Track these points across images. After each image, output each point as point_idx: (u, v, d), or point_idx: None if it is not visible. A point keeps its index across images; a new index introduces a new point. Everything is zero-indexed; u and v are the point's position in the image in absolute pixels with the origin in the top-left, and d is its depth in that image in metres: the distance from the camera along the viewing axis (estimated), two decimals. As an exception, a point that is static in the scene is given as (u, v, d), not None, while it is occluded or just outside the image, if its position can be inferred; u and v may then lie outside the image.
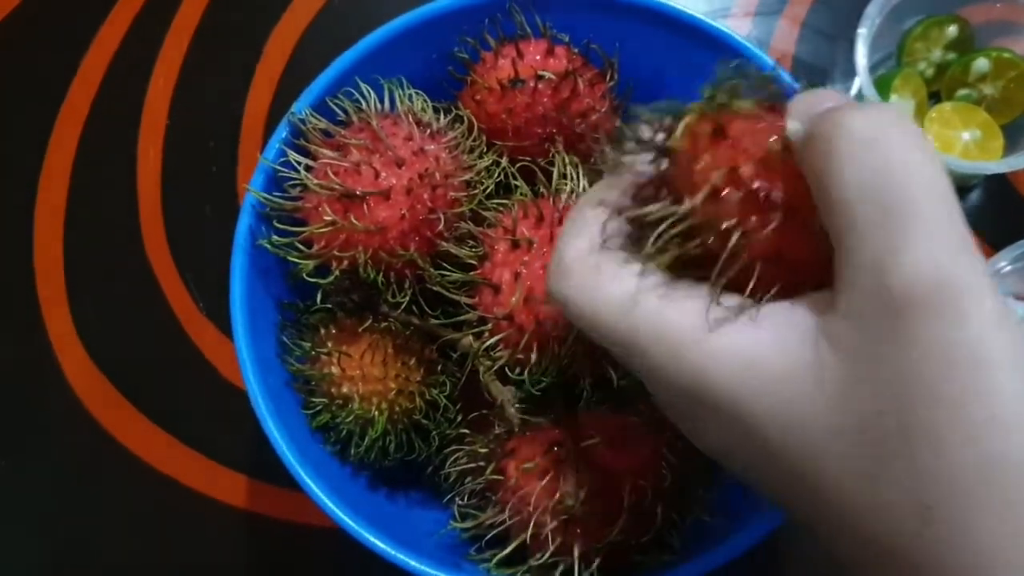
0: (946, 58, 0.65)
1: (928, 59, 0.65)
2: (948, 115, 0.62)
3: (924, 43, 0.64)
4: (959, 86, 0.64)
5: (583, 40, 0.49)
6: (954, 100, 0.64)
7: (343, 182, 0.43)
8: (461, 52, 0.49)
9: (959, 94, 0.64)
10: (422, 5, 0.49)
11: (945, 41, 0.64)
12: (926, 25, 0.64)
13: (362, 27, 0.49)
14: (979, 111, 0.63)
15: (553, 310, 0.42)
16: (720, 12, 0.68)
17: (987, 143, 0.62)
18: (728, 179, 0.28)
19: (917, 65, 0.65)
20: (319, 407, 0.47)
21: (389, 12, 0.49)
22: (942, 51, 0.64)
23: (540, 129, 0.48)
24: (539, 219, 0.44)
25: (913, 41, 0.64)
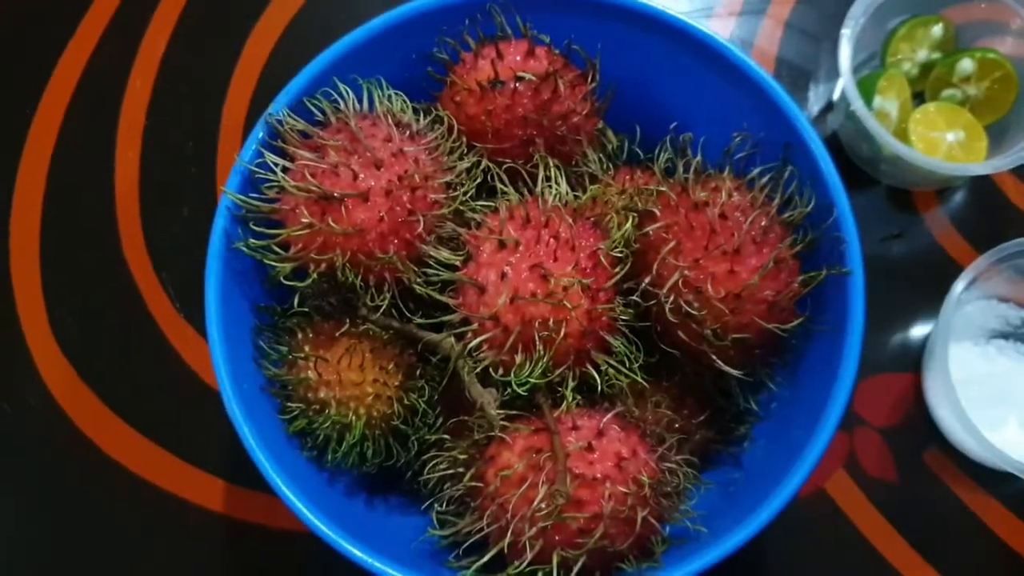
0: (931, 58, 0.64)
1: (912, 59, 0.64)
2: (932, 116, 0.62)
3: (909, 43, 0.64)
4: (944, 86, 0.64)
5: (565, 41, 0.48)
6: (938, 101, 0.64)
7: (320, 184, 0.43)
8: (440, 53, 0.48)
9: (944, 95, 0.64)
10: (402, 4, 0.49)
11: (930, 41, 0.64)
12: (911, 25, 0.64)
13: (343, 26, 0.48)
14: (963, 112, 0.63)
15: (540, 310, 0.42)
16: (704, 12, 0.68)
17: (971, 144, 0.62)
18: None
19: (901, 65, 0.64)
20: (296, 412, 0.46)
21: (370, 11, 0.49)
22: (927, 51, 0.64)
23: (520, 131, 0.47)
24: (526, 220, 0.43)
25: (898, 41, 0.64)
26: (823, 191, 0.45)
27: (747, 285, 0.42)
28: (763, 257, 0.43)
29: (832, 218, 0.44)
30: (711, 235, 0.43)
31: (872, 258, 0.60)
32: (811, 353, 0.46)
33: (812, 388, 0.44)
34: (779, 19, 0.68)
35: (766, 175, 0.45)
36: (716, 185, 0.45)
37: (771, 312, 0.43)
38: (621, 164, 0.52)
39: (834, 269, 0.44)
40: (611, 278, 0.43)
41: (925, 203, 0.63)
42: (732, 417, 0.49)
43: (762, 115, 0.47)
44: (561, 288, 0.42)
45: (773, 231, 0.44)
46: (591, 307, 0.43)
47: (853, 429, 0.58)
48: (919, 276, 0.61)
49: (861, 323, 0.43)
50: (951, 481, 0.57)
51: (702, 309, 0.43)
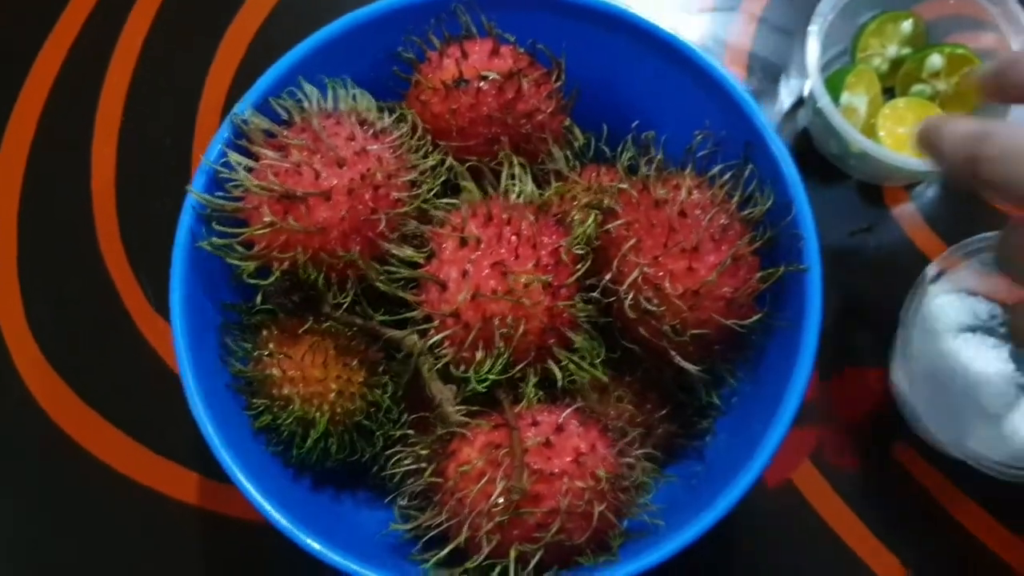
0: (901, 53, 0.64)
1: (882, 55, 0.64)
2: (902, 111, 0.62)
3: (879, 38, 0.64)
4: (913, 82, 0.64)
5: (530, 40, 0.49)
6: (908, 96, 0.64)
7: (283, 183, 0.43)
8: (407, 52, 0.49)
9: (913, 90, 0.64)
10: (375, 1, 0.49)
11: (900, 36, 0.64)
12: (881, 20, 0.64)
13: (319, 22, 0.49)
14: (933, 107, 0.63)
15: (500, 307, 0.42)
16: (681, 7, 0.68)
17: None
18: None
19: (871, 61, 0.64)
20: (261, 408, 0.47)
21: (344, 7, 0.49)
22: (897, 46, 0.64)
23: (485, 129, 0.47)
24: (488, 218, 0.44)
25: (868, 37, 0.64)
26: (783, 189, 0.45)
27: (705, 282, 0.43)
28: (722, 254, 0.43)
29: (791, 216, 0.45)
30: (670, 232, 0.44)
31: (842, 252, 0.62)
32: (771, 348, 0.47)
33: (772, 383, 0.45)
34: (753, 14, 0.68)
35: (727, 173, 0.46)
36: (677, 183, 0.45)
37: (730, 308, 0.44)
38: (588, 161, 0.53)
39: (792, 266, 0.44)
40: (572, 275, 0.44)
41: (895, 198, 0.63)
42: (695, 411, 0.49)
43: (724, 114, 0.47)
44: (522, 285, 0.42)
45: (733, 228, 0.44)
46: (552, 304, 0.43)
47: (822, 422, 0.59)
48: (889, 270, 0.61)
49: (818, 319, 0.44)
50: (919, 474, 0.57)
51: (661, 306, 0.43)
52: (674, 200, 0.44)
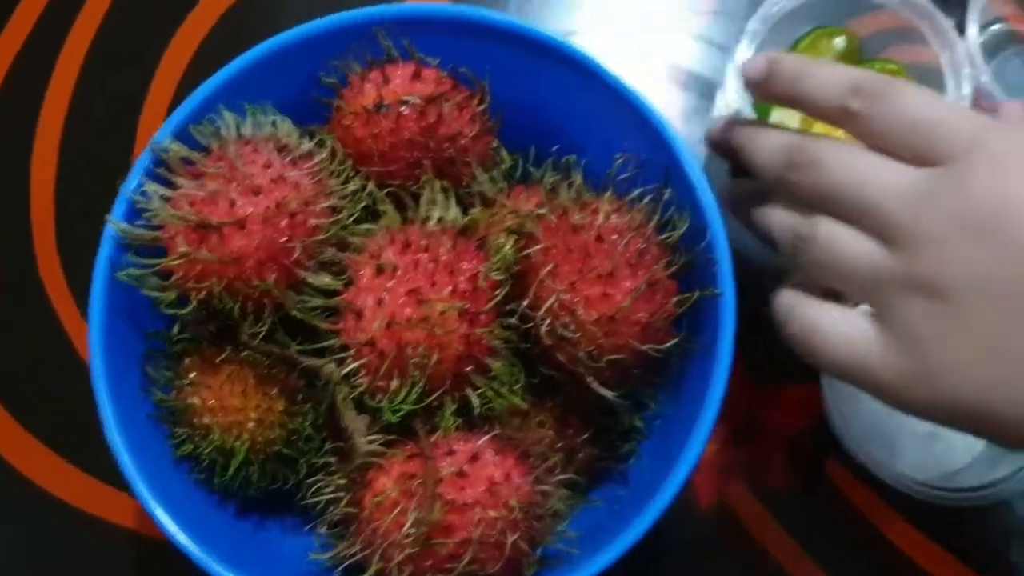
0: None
1: None
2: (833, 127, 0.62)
3: (812, 54, 0.64)
4: None
5: (451, 64, 0.49)
6: None
7: (199, 212, 0.43)
8: (328, 77, 0.49)
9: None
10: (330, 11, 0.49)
11: (833, 52, 0.64)
12: (814, 37, 0.64)
13: (264, 34, 0.49)
14: None
15: (415, 335, 0.42)
16: (624, 30, 0.67)
17: None
18: None
19: None
20: (183, 437, 0.47)
21: (289, 20, 0.49)
22: (831, 62, 0.64)
23: (407, 153, 0.48)
24: (405, 244, 0.44)
25: (800, 52, 0.64)
26: (699, 214, 0.46)
27: (620, 308, 0.43)
28: (638, 279, 0.43)
29: (706, 240, 0.45)
30: (587, 258, 0.44)
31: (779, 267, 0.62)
32: (692, 371, 0.47)
33: (692, 406, 0.45)
34: (693, 33, 0.68)
35: (646, 197, 0.46)
36: (596, 208, 0.45)
37: (646, 334, 0.44)
38: (516, 183, 0.53)
39: (707, 291, 0.45)
40: (490, 301, 0.44)
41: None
42: (618, 435, 0.50)
43: (644, 138, 0.47)
44: (437, 313, 0.42)
45: (650, 253, 0.44)
46: (469, 331, 0.43)
47: (756, 439, 0.59)
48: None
49: (731, 343, 0.44)
50: (851, 493, 0.58)
51: (577, 332, 0.44)
52: (591, 225, 0.44)
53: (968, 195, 0.37)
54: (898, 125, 0.40)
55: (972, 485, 0.52)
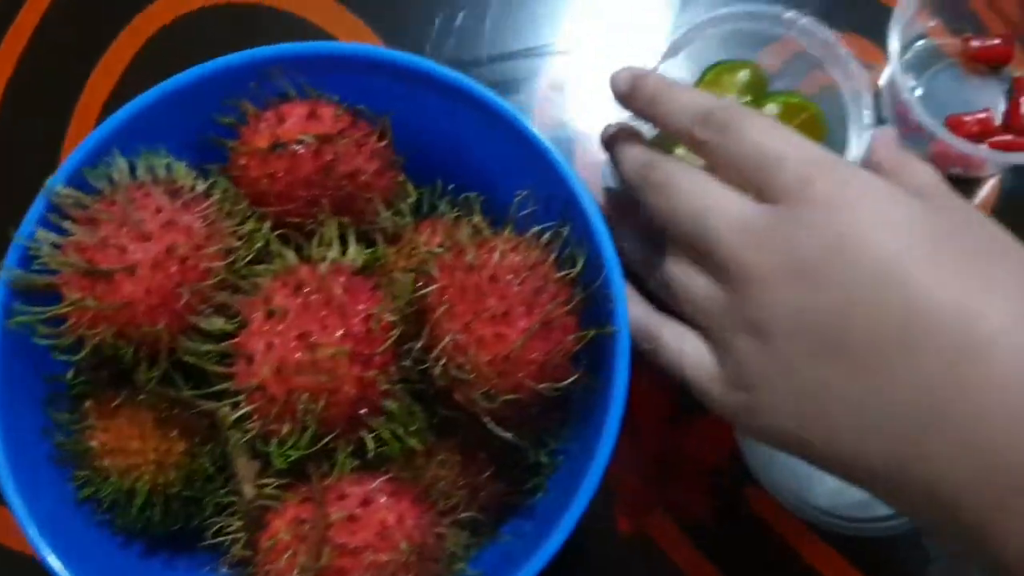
0: (740, 100, 0.63)
1: None
2: None
3: (716, 89, 0.63)
4: None
5: (361, 100, 0.49)
6: None
7: (90, 258, 0.43)
8: (223, 117, 0.48)
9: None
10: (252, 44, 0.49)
11: (737, 87, 0.63)
12: (717, 71, 0.63)
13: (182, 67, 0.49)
14: None
15: (305, 380, 0.42)
16: (535, 51, 0.67)
17: None
18: None
19: None
20: (84, 480, 0.46)
21: (200, 55, 0.49)
22: (736, 96, 0.63)
23: (304, 192, 0.47)
24: (297, 287, 0.44)
25: (704, 88, 0.63)
26: (596, 251, 0.45)
27: (513, 348, 0.43)
28: (532, 319, 0.43)
29: (602, 277, 0.45)
30: (481, 298, 0.44)
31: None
32: (595, 405, 0.47)
33: (593, 440, 0.45)
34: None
35: (545, 234, 0.46)
36: (492, 246, 0.45)
37: (543, 372, 0.44)
38: (423, 217, 0.53)
39: (602, 328, 0.44)
40: (384, 343, 0.44)
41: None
42: (523, 470, 0.50)
43: (545, 174, 0.47)
44: (327, 357, 0.42)
45: (547, 291, 0.44)
46: (362, 374, 0.43)
47: (676, 468, 0.59)
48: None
49: (625, 379, 0.44)
50: (774, 521, 0.58)
51: (471, 373, 0.43)
52: (486, 264, 0.44)
53: (795, 238, 0.38)
54: (741, 158, 0.40)
55: (887, 513, 0.52)
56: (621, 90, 0.47)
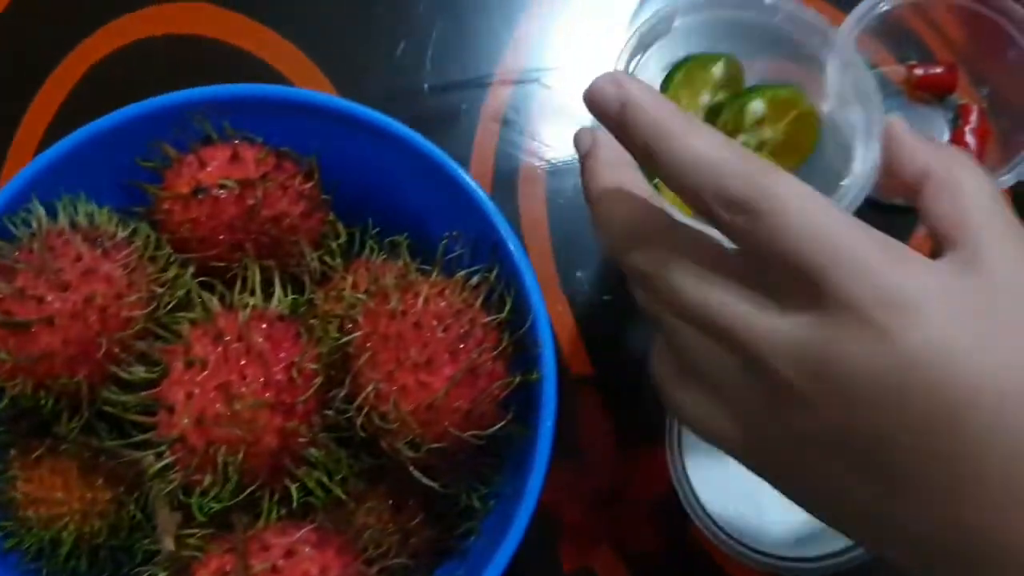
0: (716, 99, 0.56)
1: (697, 105, 0.57)
2: None
3: (688, 90, 0.56)
4: (735, 134, 0.56)
5: (282, 139, 0.48)
6: None
7: (7, 309, 0.42)
8: (145, 161, 0.48)
9: (739, 142, 0.53)
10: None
11: (712, 82, 0.56)
12: (687, 69, 0.56)
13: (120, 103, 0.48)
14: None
15: (225, 432, 0.41)
16: (476, 82, 0.66)
17: None
18: None
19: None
20: (8, 530, 0.46)
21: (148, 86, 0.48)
22: (710, 94, 0.57)
23: (228, 237, 0.47)
24: (218, 336, 0.43)
25: (676, 90, 0.56)
26: (524, 295, 0.45)
27: (436, 397, 0.42)
28: (457, 365, 0.43)
29: (528, 323, 0.44)
30: (404, 346, 0.43)
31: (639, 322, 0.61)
32: (526, 448, 0.46)
33: (524, 483, 0.45)
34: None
35: (473, 277, 0.45)
36: (417, 291, 0.45)
37: (467, 420, 0.43)
38: (355, 257, 0.52)
39: (527, 375, 0.44)
40: (307, 391, 0.43)
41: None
42: (457, 514, 0.49)
43: (473, 217, 0.47)
44: (247, 408, 0.42)
45: (473, 337, 0.44)
46: (283, 424, 0.42)
47: (621, 503, 0.58)
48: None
49: (551, 426, 0.44)
50: (715, 553, 0.57)
51: (394, 423, 0.43)
52: (410, 310, 0.44)
53: (849, 360, 0.30)
54: (778, 258, 0.30)
55: (829, 552, 0.52)
56: (605, 112, 0.34)
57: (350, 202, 0.51)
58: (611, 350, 0.60)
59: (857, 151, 0.50)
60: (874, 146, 0.49)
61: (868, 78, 0.50)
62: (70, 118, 0.67)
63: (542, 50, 0.65)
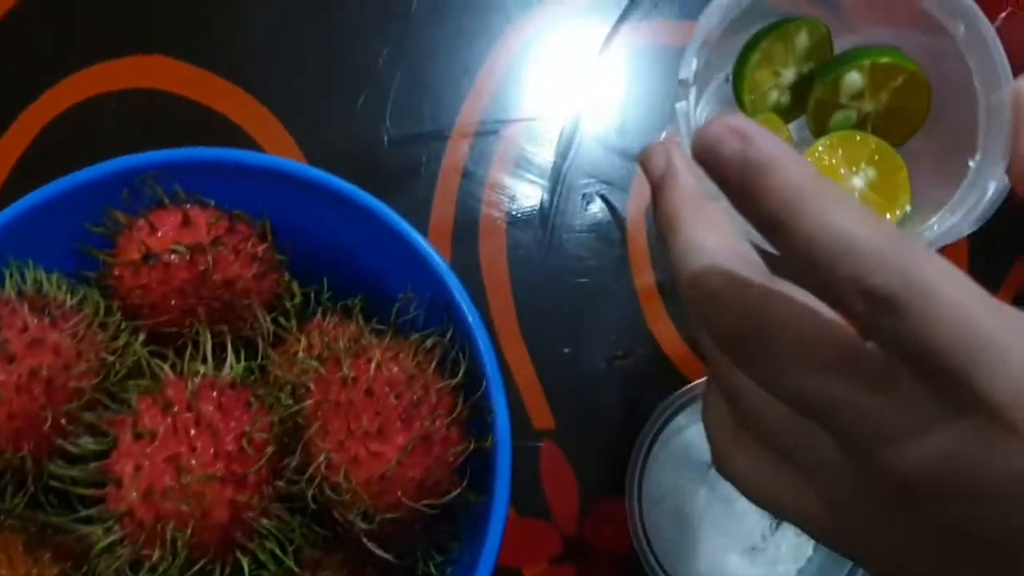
0: (801, 72, 0.49)
1: (778, 85, 0.49)
2: (824, 161, 0.47)
3: (768, 69, 0.48)
4: (830, 111, 0.48)
5: (235, 201, 0.48)
6: (828, 134, 0.47)
7: (-48, 382, 0.42)
8: (95, 227, 0.47)
9: (833, 121, 0.48)
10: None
11: (796, 55, 0.48)
12: (768, 42, 0.47)
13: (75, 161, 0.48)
14: (867, 139, 0.47)
15: (174, 506, 0.41)
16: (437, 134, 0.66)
17: (888, 179, 0.46)
18: None
19: (767, 99, 0.48)
20: (-47, 606, 0.45)
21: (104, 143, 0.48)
22: (795, 68, 0.49)
23: (179, 303, 0.46)
24: (167, 406, 0.42)
25: (753, 73, 0.48)
26: (477, 359, 0.45)
27: (388, 467, 0.42)
28: (410, 433, 0.42)
29: (481, 389, 0.44)
30: (355, 414, 0.43)
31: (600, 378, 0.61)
32: (483, 516, 0.46)
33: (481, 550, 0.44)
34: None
35: (428, 340, 0.45)
36: (369, 356, 0.44)
37: (421, 490, 0.43)
38: (310, 317, 0.52)
39: (479, 443, 0.44)
40: (258, 462, 0.43)
41: (654, 316, 0.62)
42: (415, 580, 0.48)
43: (427, 278, 0.46)
44: (197, 481, 0.41)
45: (427, 403, 0.43)
46: (235, 496, 0.42)
47: (582, 558, 0.58)
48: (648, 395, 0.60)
49: (506, 494, 0.43)
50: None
51: (346, 494, 0.42)
52: (361, 376, 0.43)
53: (995, 467, 0.26)
54: (924, 359, 0.26)
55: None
56: (724, 170, 0.26)
57: (306, 262, 0.50)
58: (573, 403, 0.60)
59: (980, 115, 0.42)
60: (1001, 108, 0.40)
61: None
62: (23, 181, 0.66)
63: (502, 101, 0.64)
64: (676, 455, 0.57)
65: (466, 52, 0.65)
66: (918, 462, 0.26)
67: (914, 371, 0.26)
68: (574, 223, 0.63)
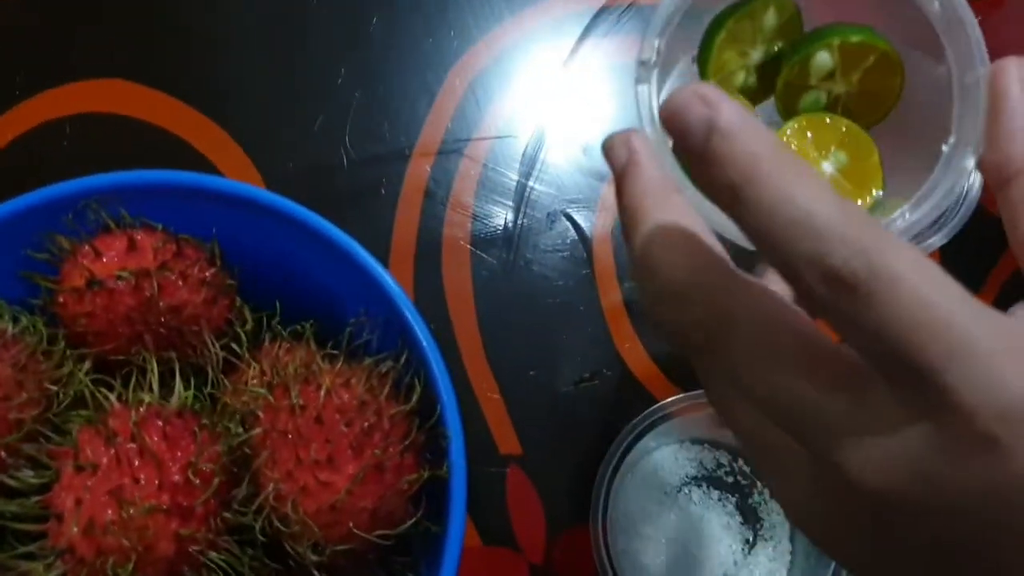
0: (770, 52, 0.47)
1: (746, 65, 0.47)
2: (794, 145, 0.45)
3: (735, 49, 0.46)
4: (799, 93, 0.46)
5: (184, 224, 0.47)
6: (800, 115, 0.46)
7: None
8: (38, 253, 0.46)
9: (803, 103, 0.46)
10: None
11: (763, 34, 0.47)
12: (734, 21, 0.45)
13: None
14: (837, 122, 0.45)
15: (116, 541, 0.39)
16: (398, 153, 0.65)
17: (859, 165, 0.44)
18: None
19: (734, 81, 0.47)
20: None
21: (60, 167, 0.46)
22: (763, 48, 0.47)
23: (125, 330, 0.45)
24: (110, 437, 0.41)
25: (720, 53, 0.46)
26: (432, 383, 0.43)
27: (338, 498, 0.41)
28: (361, 461, 0.41)
29: (437, 414, 0.43)
30: (304, 443, 0.41)
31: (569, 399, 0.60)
32: (440, 544, 0.44)
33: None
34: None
35: (381, 365, 0.44)
36: (319, 383, 0.43)
37: (374, 520, 0.42)
38: (262, 342, 0.50)
39: (434, 472, 0.42)
40: (205, 493, 0.41)
41: (621, 336, 0.61)
42: (372, 612, 0.47)
43: (381, 302, 0.45)
44: (141, 514, 0.39)
45: (379, 430, 0.42)
46: (181, 528, 0.40)
47: (552, 582, 0.57)
48: (615, 421, 0.59)
49: (461, 520, 0.42)
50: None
51: (295, 525, 0.41)
52: (311, 404, 0.42)
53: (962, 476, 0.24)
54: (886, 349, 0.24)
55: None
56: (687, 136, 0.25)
57: (259, 286, 0.49)
58: (540, 428, 0.59)
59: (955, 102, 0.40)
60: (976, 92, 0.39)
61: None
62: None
63: (463, 120, 0.63)
64: (644, 478, 0.55)
65: (426, 71, 0.64)
66: (876, 467, 0.25)
67: (875, 366, 0.25)
68: (539, 242, 0.62)
